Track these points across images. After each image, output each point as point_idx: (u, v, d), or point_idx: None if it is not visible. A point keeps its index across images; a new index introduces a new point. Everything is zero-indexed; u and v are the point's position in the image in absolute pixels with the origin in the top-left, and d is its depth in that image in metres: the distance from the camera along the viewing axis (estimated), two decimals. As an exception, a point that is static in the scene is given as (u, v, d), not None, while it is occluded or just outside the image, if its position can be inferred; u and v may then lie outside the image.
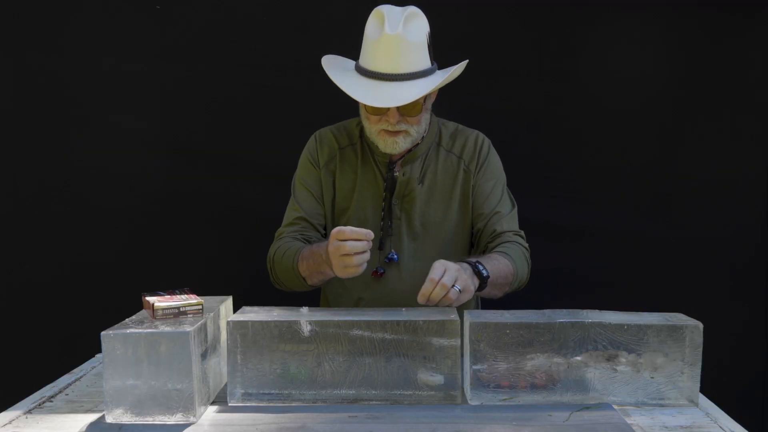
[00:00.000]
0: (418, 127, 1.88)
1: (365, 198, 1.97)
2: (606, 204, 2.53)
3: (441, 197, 1.97)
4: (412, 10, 1.81)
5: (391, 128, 1.84)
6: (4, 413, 1.46)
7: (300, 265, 1.82)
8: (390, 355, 1.45)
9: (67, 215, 2.54)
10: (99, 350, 1.38)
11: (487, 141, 2.02)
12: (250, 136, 2.51)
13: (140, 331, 1.36)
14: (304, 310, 1.54)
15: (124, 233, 2.55)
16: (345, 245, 1.61)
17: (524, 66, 2.49)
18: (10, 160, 2.53)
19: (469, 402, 1.47)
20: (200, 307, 1.48)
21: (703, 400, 1.52)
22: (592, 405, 1.46)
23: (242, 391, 1.46)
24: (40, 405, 1.51)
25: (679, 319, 1.50)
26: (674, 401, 1.48)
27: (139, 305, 1.57)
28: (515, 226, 1.96)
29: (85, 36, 2.48)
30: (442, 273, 1.58)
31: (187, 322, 1.42)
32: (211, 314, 1.51)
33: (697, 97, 2.49)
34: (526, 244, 1.95)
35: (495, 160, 2.01)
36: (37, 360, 2.36)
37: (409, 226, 1.96)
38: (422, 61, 1.81)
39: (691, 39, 2.47)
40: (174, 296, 1.51)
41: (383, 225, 1.95)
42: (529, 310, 1.53)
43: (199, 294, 1.54)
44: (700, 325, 1.47)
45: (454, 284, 1.58)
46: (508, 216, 1.95)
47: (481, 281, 1.70)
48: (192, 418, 1.37)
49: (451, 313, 1.51)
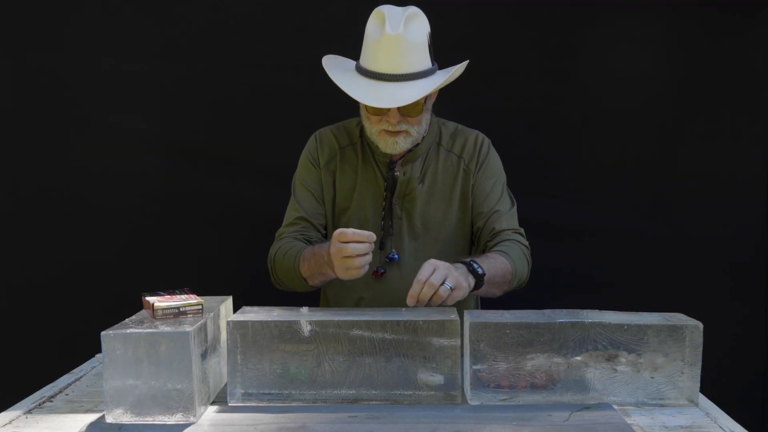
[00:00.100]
0: (419, 128, 1.88)
1: (366, 198, 1.97)
2: (606, 204, 2.53)
3: (441, 197, 1.97)
4: (413, 11, 1.81)
5: (391, 128, 1.84)
6: (4, 413, 1.46)
7: (301, 266, 1.82)
8: (390, 355, 1.45)
9: (67, 215, 2.54)
10: (99, 350, 1.38)
11: (487, 140, 2.02)
12: (250, 136, 2.52)
13: (140, 331, 1.36)
14: (304, 310, 1.54)
15: (124, 233, 2.55)
16: (347, 247, 1.60)
17: (524, 66, 2.49)
18: (10, 160, 2.53)
19: (469, 402, 1.47)
20: (200, 307, 1.48)
21: (703, 400, 1.52)
22: (592, 405, 1.46)
23: (242, 391, 1.46)
24: (40, 405, 1.51)
25: (679, 319, 1.50)
26: (674, 401, 1.48)
27: (139, 305, 1.57)
28: (515, 224, 1.96)
29: (85, 36, 2.48)
30: (431, 272, 1.57)
31: (187, 322, 1.42)
32: (211, 314, 1.51)
33: (697, 97, 2.49)
34: (526, 242, 1.94)
35: (495, 160, 2.01)
36: (37, 360, 2.36)
37: (410, 226, 1.96)
38: (423, 62, 1.81)
39: (691, 39, 2.47)
40: (174, 296, 1.51)
41: (384, 225, 1.95)
42: (529, 310, 1.53)
43: (199, 294, 1.54)
44: (700, 325, 1.47)
45: (444, 282, 1.56)
46: (507, 214, 1.95)
47: (477, 279, 1.69)
48: (192, 418, 1.37)
49: (451, 313, 1.51)
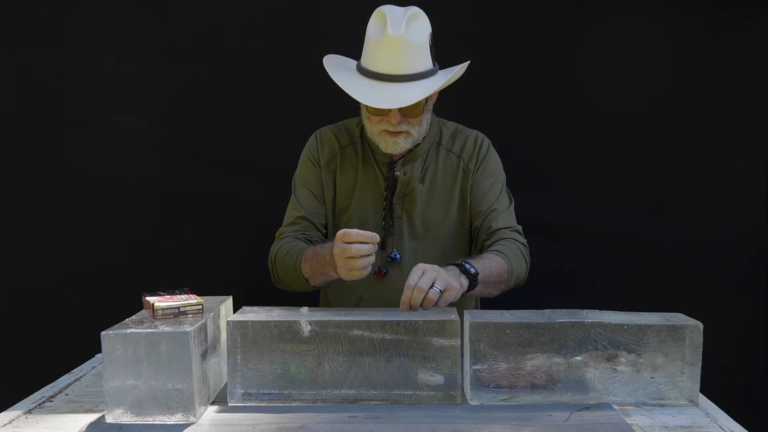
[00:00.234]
0: (420, 128, 1.88)
1: (366, 197, 1.97)
2: (606, 204, 2.53)
3: (441, 197, 1.97)
4: (415, 11, 1.80)
5: (392, 129, 1.84)
6: (4, 413, 1.46)
7: (303, 266, 1.82)
8: (390, 355, 1.45)
9: (67, 215, 2.54)
10: (99, 350, 1.38)
11: (487, 140, 2.02)
12: (250, 136, 2.51)
13: (140, 331, 1.36)
14: (304, 310, 1.54)
15: (124, 233, 2.55)
16: (350, 248, 1.60)
17: (525, 66, 2.49)
18: (10, 160, 2.53)
19: (469, 402, 1.47)
20: (200, 307, 1.48)
21: (703, 400, 1.52)
22: (592, 405, 1.46)
23: (242, 391, 1.46)
24: (40, 405, 1.51)
25: (679, 319, 1.50)
26: (674, 401, 1.48)
27: (139, 305, 1.57)
28: (512, 223, 1.95)
29: (85, 36, 2.48)
30: (419, 277, 1.54)
31: (187, 322, 1.42)
32: (211, 314, 1.51)
33: (698, 98, 2.49)
34: (524, 240, 1.93)
35: (494, 159, 2.01)
36: (37, 360, 2.36)
37: (410, 226, 1.96)
38: (424, 62, 1.80)
39: (691, 39, 2.46)
40: (174, 296, 1.51)
41: (384, 224, 1.95)
42: (529, 310, 1.53)
43: (199, 294, 1.54)
44: (700, 325, 1.47)
45: (433, 285, 1.54)
46: (504, 213, 1.94)
47: (470, 280, 1.67)
48: (192, 418, 1.37)
49: (451, 313, 1.51)
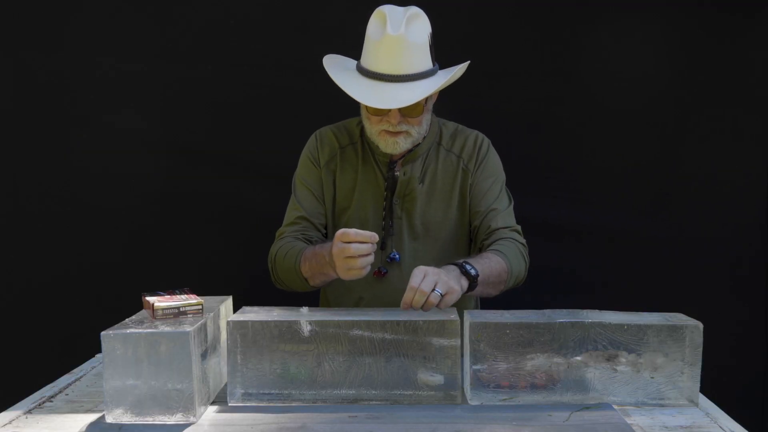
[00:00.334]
0: (419, 128, 1.88)
1: (366, 197, 1.97)
2: (606, 204, 2.53)
3: (441, 197, 1.97)
4: (414, 11, 1.80)
5: (392, 129, 1.84)
6: (4, 413, 1.46)
7: (302, 266, 1.82)
8: (390, 355, 1.45)
9: (67, 215, 2.54)
10: (99, 350, 1.38)
11: (487, 140, 2.02)
12: (250, 136, 2.51)
13: (140, 331, 1.36)
14: (304, 310, 1.54)
15: (124, 233, 2.55)
16: (349, 247, 1.60)
17: (525, 66, 2.49)
18: (10, 160, 2.53)
19: (469, 402, 1.47)
20: (200, 307, 1.48)
21: (703, 400, 1.52)
22: (592, 405, 1.46)
23: (242, 391, 1.46)
24: (40, 405, 1.51)
25: (679, 319, 1.50)
26: (674, 401, 1.48)
27: (139, 305, 1.57)
28: (511, 222, 1.95)
29: (85, 36, 2.48)
30: (421, 279, 1.55)
31: (187, 322, 1.42)
32: (211, 314, 1.51)
33: (698, 97, 2.49)
34: (523, 240, 1.93)
35: (494, 159, 2.01)
36: (37, 360, 2.36)
37: (410, 226, 1.96)
38: (424, 62, 1.80)
39: (691, 39, 2.46)
40: (174, 296, 1.51)
41: (384, 224, 1.95)
42: (529, 310, 1.53)
43: (199, 294, 1.54)
44: (700, 325, 1.47)
45: (435, 288, 1.54)
46: (504, 212, 1.94)
47: (470, 281, 1.68)
48: (192, 418, 1.37)
49: (451, 313, 1.51)
